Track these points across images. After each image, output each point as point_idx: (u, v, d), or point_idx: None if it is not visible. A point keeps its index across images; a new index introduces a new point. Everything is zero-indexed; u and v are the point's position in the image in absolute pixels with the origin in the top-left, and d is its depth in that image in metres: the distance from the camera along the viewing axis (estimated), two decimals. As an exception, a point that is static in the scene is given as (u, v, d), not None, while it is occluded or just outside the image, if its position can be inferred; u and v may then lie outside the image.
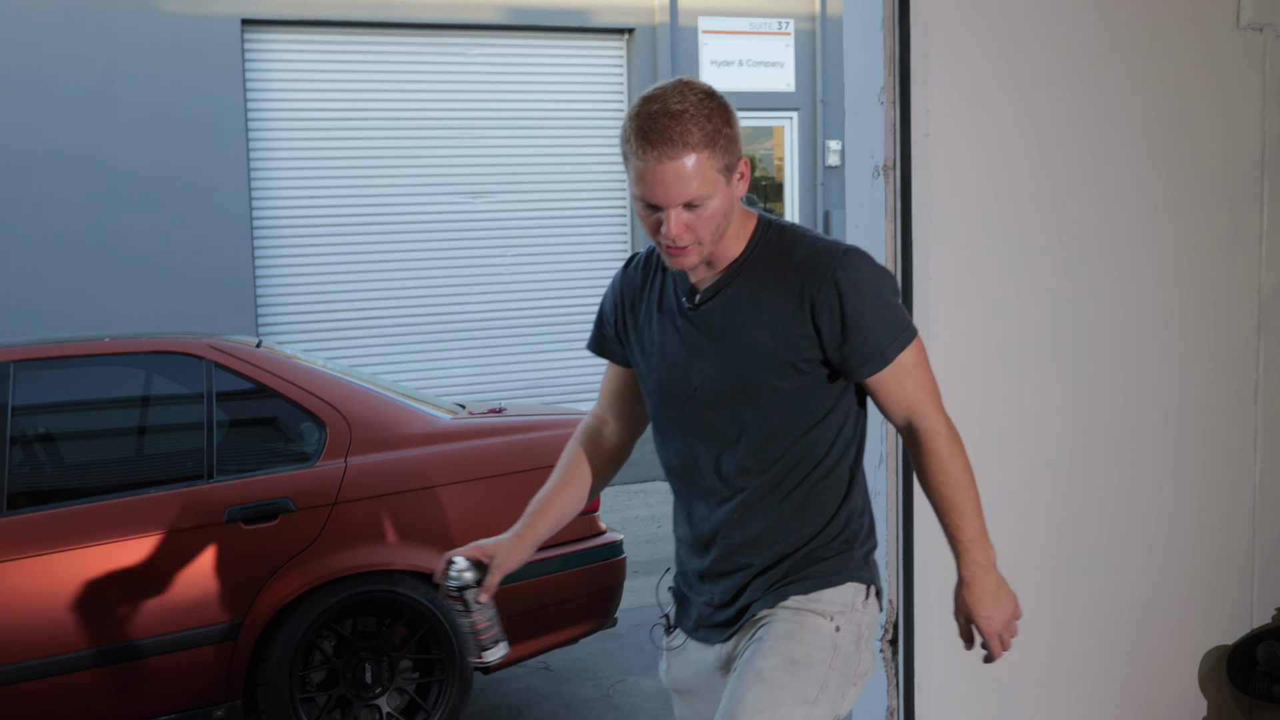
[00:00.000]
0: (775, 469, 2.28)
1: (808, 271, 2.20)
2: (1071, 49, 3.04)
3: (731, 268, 2.26)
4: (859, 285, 2.20)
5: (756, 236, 2.27)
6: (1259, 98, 3.25)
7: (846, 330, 2.19)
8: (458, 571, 2.40)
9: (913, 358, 2.25)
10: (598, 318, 2.54)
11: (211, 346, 4.67)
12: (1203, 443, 3.30)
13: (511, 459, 4.84)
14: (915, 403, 2.26)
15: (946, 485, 2.26)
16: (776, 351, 2.22)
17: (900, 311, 2.26)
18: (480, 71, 12.01)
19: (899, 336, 2.23)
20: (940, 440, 2.26)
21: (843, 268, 2.19)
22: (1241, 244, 3.29)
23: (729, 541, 2.33)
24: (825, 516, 2.30)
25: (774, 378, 2.23)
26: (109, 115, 10.46)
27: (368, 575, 4.48)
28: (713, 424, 2.30)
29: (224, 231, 10.88)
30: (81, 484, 4.63)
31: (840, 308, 2.18)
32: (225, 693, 4.33)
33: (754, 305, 2.24)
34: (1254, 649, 3.29)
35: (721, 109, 2.15)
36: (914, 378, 2.25)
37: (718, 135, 2.13)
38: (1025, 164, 3.02)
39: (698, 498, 2.37)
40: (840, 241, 2.27)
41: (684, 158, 2.10)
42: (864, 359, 2.22)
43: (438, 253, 11.89)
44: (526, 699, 5.28)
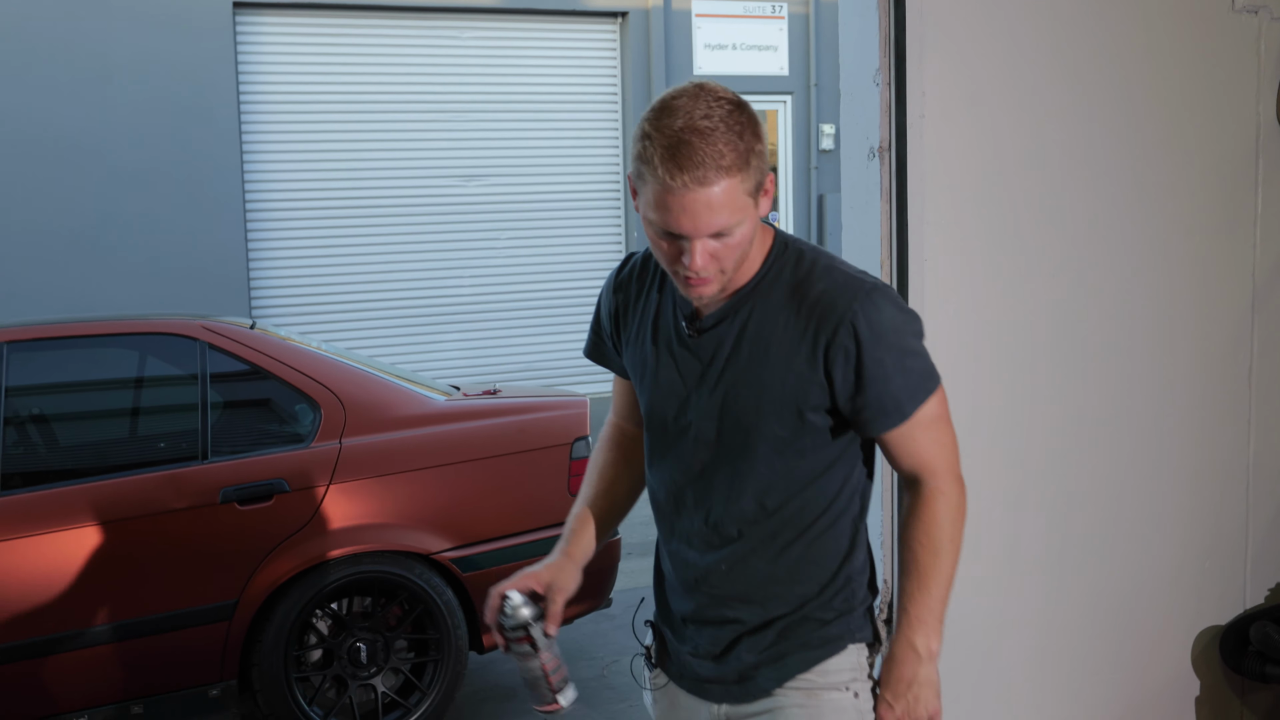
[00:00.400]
0: (770, 521, 2.06)
1: (824, 311, 1.97)
2: (1066, 31, 3.04)
3: (740, 293, 2.03)
4: (880, 333, 1.96)
5: (771, 259, 2.04)
6: (1254, 80, 3.25)
7: (862, 382, 1.97)
8: (514, 608, 2.09)
9: (933, 411, 2.04)
10: (594, 324, 2.32)
11: (206, 328, 4.66)
12: (1196, 425, 3.31)
13: (506, 440, 4.85)
14: (927, 460, 2.06)
15: (924, 549, 2.05)
16: (781, 396, 2.00)
17: (924, 360, 2.03)
18: (473, 55, 11.98)
19: (920, 389, 2.01)
20: (941, 503, 2.05)
21: (863, 311, 1.95)
22: (1235, 227, 3.29)
23: (715, 592, 2.11)
24: (824, 576, 2.09)
25: (776, 424, 2.01)
26: (101, 98, 10.43)
27: (362, 556, 4.49)
28: (704, 465, 2.09)
29: (217, 215, 10.86)
30: (76, 465, 4.63)
31: (857, 356, 1.96)
32: (220, 672, 4.34)
33: (761, 341, 2.01)
34: (1247, 629, 3.30)
35: (751, 123, 1.91)
36: (931, 434, 2.04)
37: (750, 154, 1.89)
38: (1019, 146, 3.02)
39: (681, 540, 2.15)
40: (864, 277, 2.02)
41: (716, 184, 1.85)
42: (879, 414, 2.01)
43: (431, 236, 11.89)
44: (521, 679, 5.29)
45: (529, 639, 2.09)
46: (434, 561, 4.58)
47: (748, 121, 1.90)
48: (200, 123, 10.76)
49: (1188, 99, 3.18)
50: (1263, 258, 3.32)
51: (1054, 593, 3.19)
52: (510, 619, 2.08)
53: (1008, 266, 3.04)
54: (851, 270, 2.03)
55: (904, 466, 2.08)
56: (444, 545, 4.58)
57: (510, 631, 2.09)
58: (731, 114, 1.88)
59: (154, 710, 4.28)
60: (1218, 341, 3.31)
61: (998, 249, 3.02)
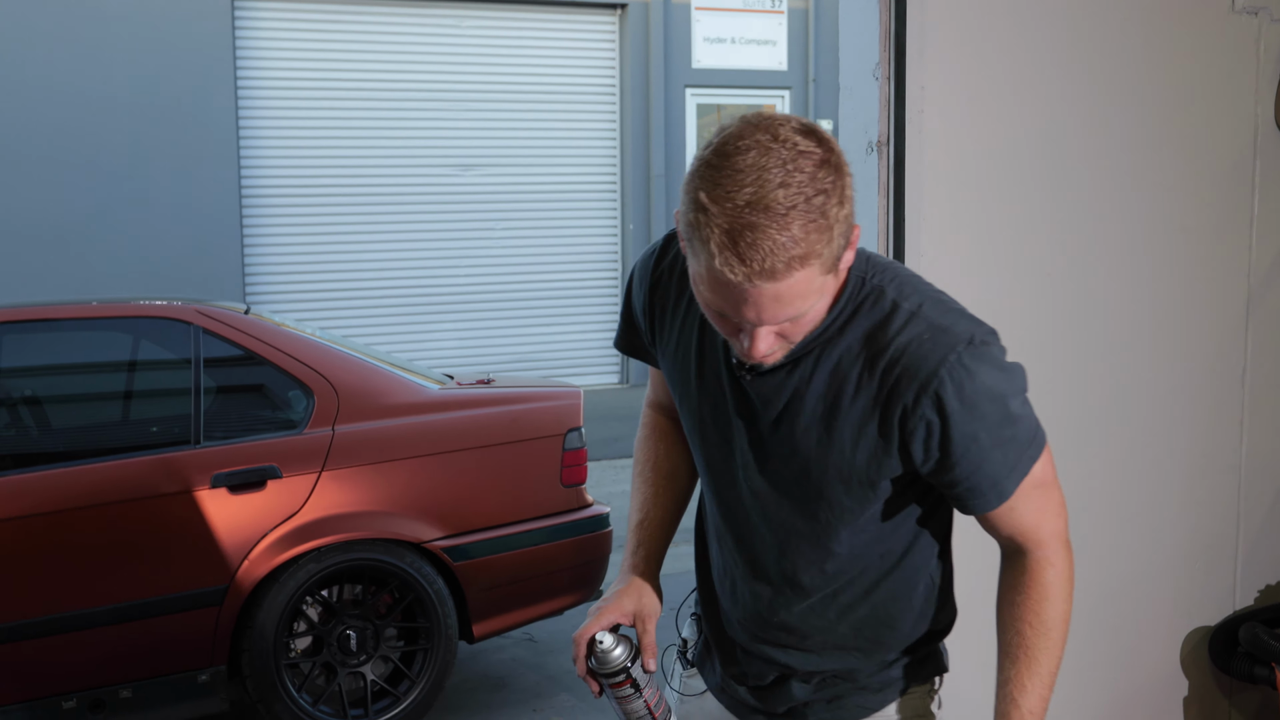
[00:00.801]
0: (830, 584, 1.80)
1: (904, 372, 1.61)
2: (1066, 29, 3.04)
3: (805, 340, 1.65)
4: (973, 403, 1.61)
5: (845, 299, 1.66)
6: (1252, 81, 3.25)
7: (949, 460, 1.65)
8: (605, 652, 1.86)
9: (1037, 478, 1.71)
10: (625, 314, 1.96)
11: (200, 312, 4.66)
12: (1189, 425, 3.31)
13: (499, 430, 4.85)
14: (1030, 529, 1.75)
15: (1033, 630, 1.75)
16: (848, 467, 1.69)
17: (1026, 425, 1.68)
18: (472, 45, 11.97)
19: (1022, 460, 1.68)
20: (1050, 575, 1.75)
21: (952, 377, 1.60)
22: (1232, 227, 3.29)
23: (763, 635, 1.88)
24: (893, 636, 1.86)
25: (843, 494, 1.71)
26: (99, 83, 10.40)
27: (353, 543, 4.48)
28: (753, 516, 1.81)
29: (213, 200, 10.85)
30: (68, 447, 4.63)
31: (943, 432, 1.62)
32: (210, 657, 4.34)
33: (827, 399, 1.67)
34: (1236, 630, 3.31)
35: (838, 179, 1.50)
36: (1033, 502, 1.72)
37: (833, 226, 1.49)
38: (1017, 142, 3.02)
39: (724, 568, 1.91)
40: (957, 325, 1.64)
41: (788, 278, 1.48)
42: (971, 495, 1.69)
43: (427, 225, 11.88)
44: (510, 669, 5.30)
45: (630, 680, 1.87)
46: (425, 550, 4.57)
47: (834, 181, 1.49)
48: (198, 108, 10.74)
49: (1186, 99, 3.18)
50: (1258, 259, 3.32)
51: (1044, 590, 3.19)
52: (606, 665, 1.86)
53: (1004, 263, 3.04)
54: (942, 314, 1.65)
55: (1003, 537, 1.78)
56: (435, 534, 4.57)
57: (608, 678, 1.87)
58: (815, 177, 1.47)
59: (143, 695, 4.28)
60: (1211, 342, 3.31)
61: (994, 245, 3.02)
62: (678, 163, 12.66)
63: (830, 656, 1.85)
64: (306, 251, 11.51)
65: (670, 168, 12.59)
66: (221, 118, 10.86)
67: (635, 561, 1.97)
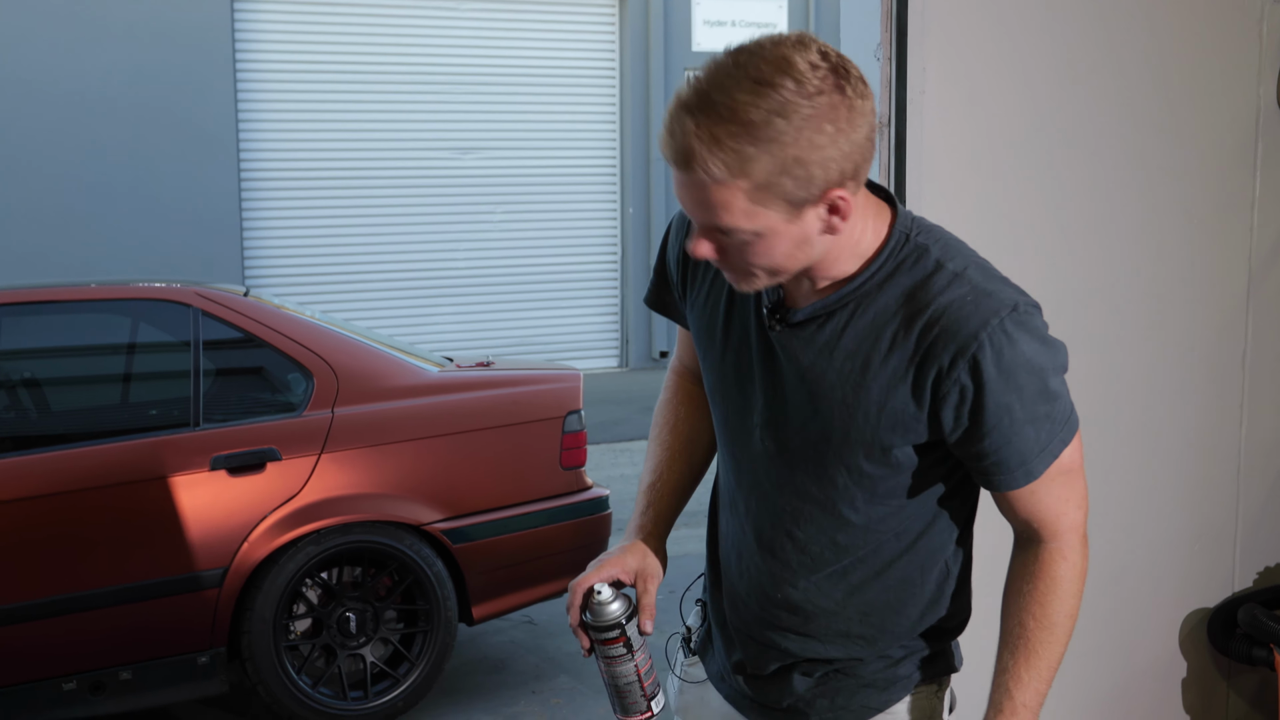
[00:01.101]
0: (841, 560, 1.72)
1: (943, 333, 1.54)
2: (1067, 11, 3.03)
3: (841, 294, 1.60)
4: (1010, 372, 1.54)
5: (886, 254, 1.59)
6: (1255, 63, 3.24)
7: (980, 430, 1.58)
8: (603, 603, 1.77)
9: (1066, 463, 1.65)
10: (657, 268, 1.88)
11: (199, 295, 4.65)
12: (1189, 407, 3.31)
13: (498, 412, 4.84)
14: (1051, 518, 1.68)
15: (1038, 623, 1.68)
16: (873, 428, 1.61)
17: (1063, 404, 1.62)
18: (472, 28, 11.94)
19: (1054, 441, 1.62)
20: (1063, 569, 1.68)
21: (993, 342, 1.53)
22: (1233, 210, 3.29)
23: (764, 615, 1.80)
24: (902, 622, 1.77)
25: (863, 458, 1.64)
26: (98, 67, 10.38)
27: (353, 526, 4.48)
28: (767, 479, 1.74)
29: (212, 183, 10.84)
30: (67, 430, 4.62)
31: (976, 399, 1.55)
32: (210, 640, 4.34)
33: (858, 356, 1.60)
34: (1235, 612, 3.31)
35: (819, 118, 1.42)
36: (1057, 488, 1.66)
37: (773, 152, 1.42)
38: (1020, 124, 3.01)
39: (731, 540, 1.84)
40: (1002, 290, 1.57)
41: (695, 173, 1.45)
42: (998, 470, 1.62)
43: (427, 209, 11.86)
44: (510, 652, 5.30)
45: (624, 639, 1.77)
46: (425, 533, 4.58)
47: (809, 117, 1.41)
48: (197, 93, 10.72)
49: (1188, 80, 3.17)
50: (1259, 241, 3.32)
51: (1044, 572, 3.19)
52: (600, 617, 1.76)
53: (1004, 245, 3.03)
54: (987, 279, 1.58)
55: (1019, 521, 1.70)
56: (435, 516, 4.57)
57: (600, 632, 1.77)
58: (783, 100, 1.41)
59: (142, 676, 4.28)
60: (1212, 324, 3.30)
61: (995, 226, 3.01)
62: (677, 146, 12.63)
63: (834, 644, 1.77)
64: (305, 235, 11.50)
65: (670, 151, 12.57)
66: (221, 102, 10.84)
67: (643, 522, 1.90)
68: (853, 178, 1.49)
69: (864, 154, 1.49)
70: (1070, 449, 1.65)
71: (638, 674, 1.79)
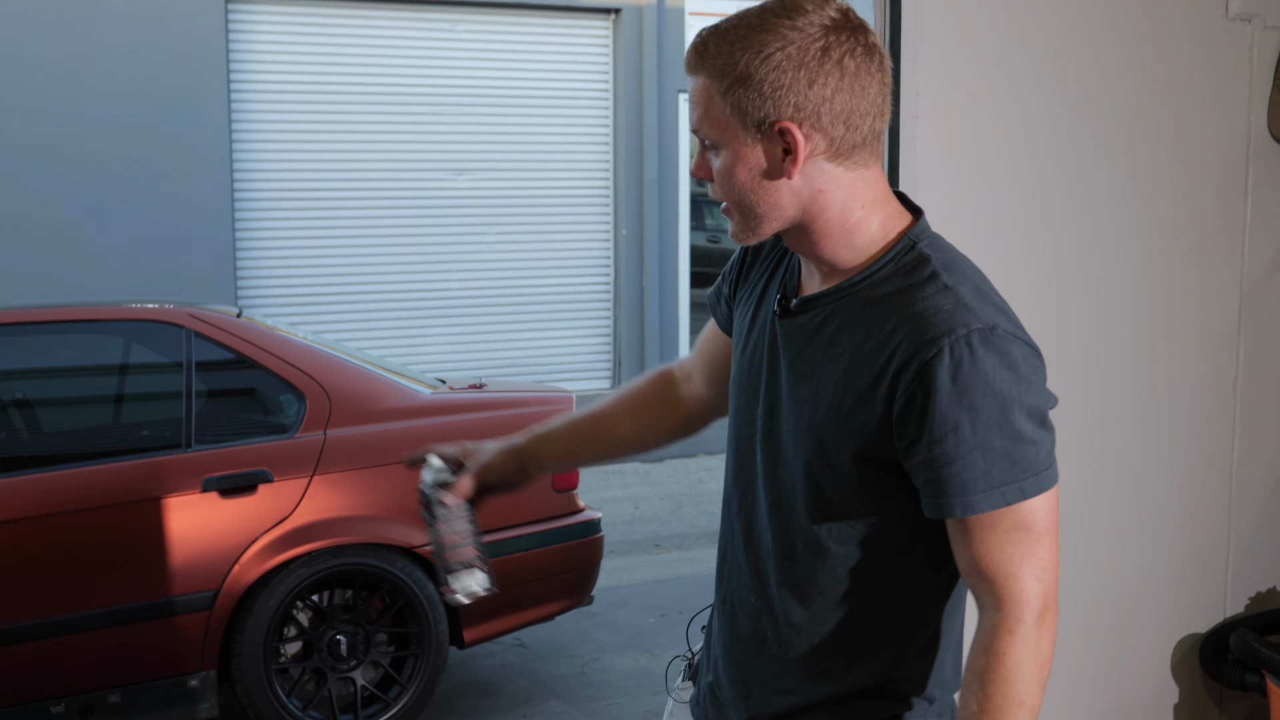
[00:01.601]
0: (807, 576, 1.63)
1: (909, 335, 1.50)
2: (1060, 36, 3.04)
3: (838, 287, 1.60)
4: (965, 388, 1.47)
5: (888, 256, 1.59)
6: (1245, 89, 3.25)
7: (923, 440, 1.49)
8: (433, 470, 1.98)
9: (1025, 518, 1.51)
10: (724, 270, 1.91)
11: (192, 315, 4.65)
12: (1180, 432, 3.31)
13: (491, 434, 4.81)
14: (999, 576, 1.51)
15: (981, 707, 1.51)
16: (832, 422, 1.56)
17: (1029, 449, 1.50)
18: (465, 48, 11.96)
19: (1005, 483, 1.49)
20: (1007, 644, 1.50)
21: (953, 352, 1.47)
22: (1224, 236, 3.30)
23: (746, 602, 1.73)
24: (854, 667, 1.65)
25: (829, 457, 1.57)
26: (90, 84, 10.38)
27: (345, 548, 4.47)
28: (759, 476, 1.69)
29: (205, 203, 10.83)
30: (58, 451, 4.61)
31: (925, 407, 1.47)
32: (200, 662, 4.33)
33: (837, 348, 1.58)
34: (1227, 637, 3.31)
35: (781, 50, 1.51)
36: (1011, 545, 1.51)
37: (738, 70, 1.52)
38: (1012, 148, 3.02)
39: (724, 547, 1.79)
40: (984, 309, 1.53)
41: (692, 72, 1.59)
42: (935, 490, 1.51)
43: (420, 229, 11.86)
44: (501, 675, 5.29)
45: (427, 504, 1.95)
46: (417, 555, 4.56)
47: (799, 48, 1.51)
48: (190, 111, 10.72)
49: (1179, 106, 3.18)
50: (1250, 267, 3.33)
51: (1036, 597, 3.19)
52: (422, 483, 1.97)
53: (995, 268, 3.03)
54: (977, 298, 1.54)
55: (965, 572, 1.56)
56: (427, 539, 4.56)
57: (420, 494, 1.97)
58: (779, 32, 1.52)
59: (132, 699, 4.26)
60: (1204, 349, 3.31)
61: (986, 251, 3.01)
62: (671, 168, 12.66)
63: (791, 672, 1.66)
64: (299, 255, 11.49)
65: (663, 173, 12.60)
66: (214, 121, 10.84)
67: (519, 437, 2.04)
68: (814, 125, 1.53)
69: (835, 104, 1.53)
70: (1034, 505, 1.51)
71: (441, 543, 1.91)
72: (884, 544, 1.60)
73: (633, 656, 5.34)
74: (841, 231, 1.59)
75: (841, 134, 1.54)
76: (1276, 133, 3.28)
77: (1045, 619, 1.52)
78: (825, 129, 1.53)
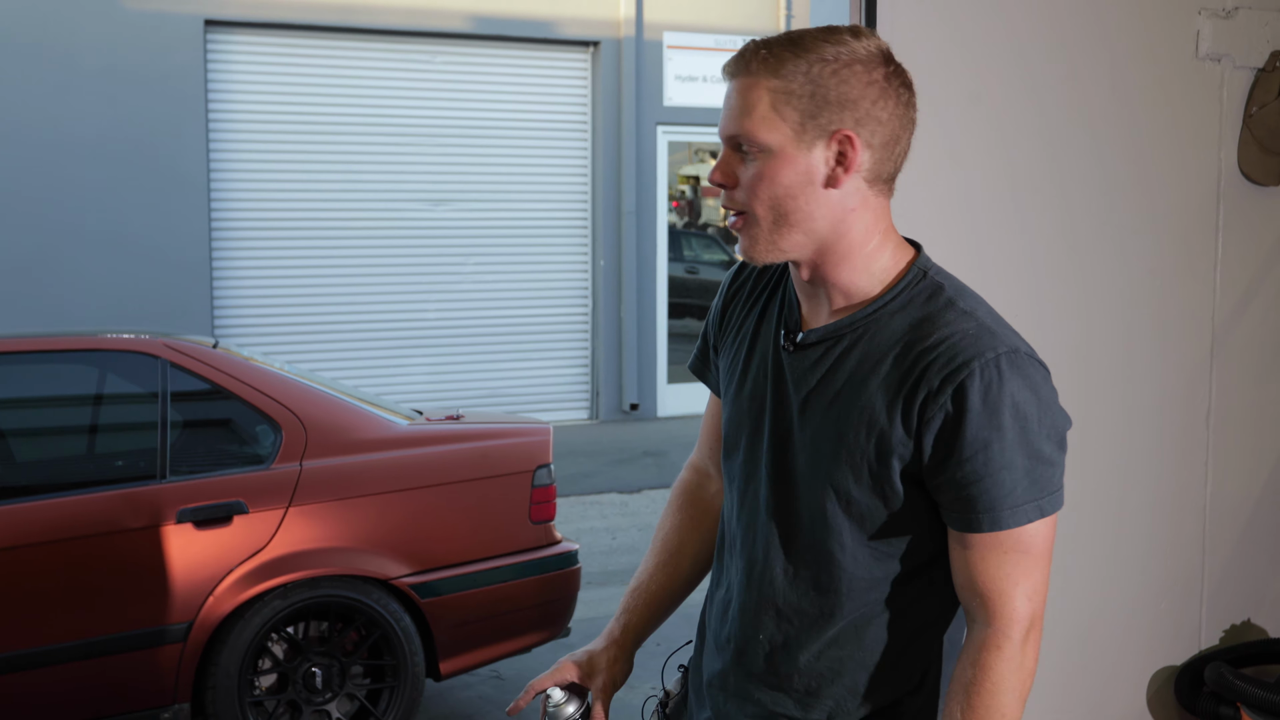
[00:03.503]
0: (821, 607, 1.67)
1: (938, 358, 1.55)
2: (1034, 73, 3.08)
3: (853, 318, 1.64)
4: (996, 408, 1.53)
5: (902, 285, 1.63)
6: (1216, 127, 3.29)
7: (955, 459, 1.54)
8: (556, 705, 1.81)
9: (1030, 541, 1.58)
10: (702, 333, 1.94)
11: (167, 346, 4.63)
12: (1154, 465, 3.33)
13: (467, 466, 4.83)
14: (993, 592, 1.58)
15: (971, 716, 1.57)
16: (860, 454, 1.59)
17: (1049, 471, 1.58)
18: (444, 80, 12.00)
19: (1026, 503, 1.56)
20: (995, 659, 1.57)
21: (983, 374, 1.53)
22: (1197, 270, 3.33)
23: (745, 664, 1.75)
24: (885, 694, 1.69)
25: (852, 482, 1.61)
26: (68, 112, 10.36)
27: (320, 580, 4.45)
28: (763, 507, 1.71)
29: (182, 232, 10.81)
30: (31, 481, 4.58)
31: (958, 427, 1.53)
32: (173, 695, 4.29)
33: (857, 379, 1.61)
34: (1202, 670, 3.32)
35: (849, 66, 1.57)
36: (1009, 564, 1.58)
37: (807, 75, 1.56)
38: (986, 187, 3.05)
39: (723, 584, 1.81)
40: (1009, 335, 1.58)
41: (744, 76, 1.59)
42: (964, 506, 1.57)
43: (398, 259, 11.86)
44: (478, 707, 5.26)
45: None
46: (392, 587, 4.55)
47: (845, 62, 1.57)
48: (168, 140, 10.71)
49: (1151, 143, 3.22)
50: (1222, 301, 3.36)
51: (1012, 630, 3.20)
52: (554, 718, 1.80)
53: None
54: (996, 322, 1.60)
55: (962, 587, 1.62)
56: (403, 571, 4.55)
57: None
58: (822, 54, 1.57)
59: (104, 732, 4.22)
60: (1177, 382, 3.34)
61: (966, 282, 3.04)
62: (649, 200, 12.71)
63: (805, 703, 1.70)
64: (276, 284, 11.47)
65: (641, 205, 12.64)
66: (192, 151, 10.83)
67: (614, 628, 1.92)
68: (867, 142, 1.59)
69: (886, 129, 1.60)
70: (1039, 526, 1.58)
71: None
72: (909, 585, 1.66)
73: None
74: (862, 256, 1.63)
75: (882, 158, 1.61)
76: (1247, 170, 3.32)
77: (1031, 637, 1.60)
78: (875, 148, 1.60)
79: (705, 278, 13.52)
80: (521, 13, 12.04)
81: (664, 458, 10.48)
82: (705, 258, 13.41)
